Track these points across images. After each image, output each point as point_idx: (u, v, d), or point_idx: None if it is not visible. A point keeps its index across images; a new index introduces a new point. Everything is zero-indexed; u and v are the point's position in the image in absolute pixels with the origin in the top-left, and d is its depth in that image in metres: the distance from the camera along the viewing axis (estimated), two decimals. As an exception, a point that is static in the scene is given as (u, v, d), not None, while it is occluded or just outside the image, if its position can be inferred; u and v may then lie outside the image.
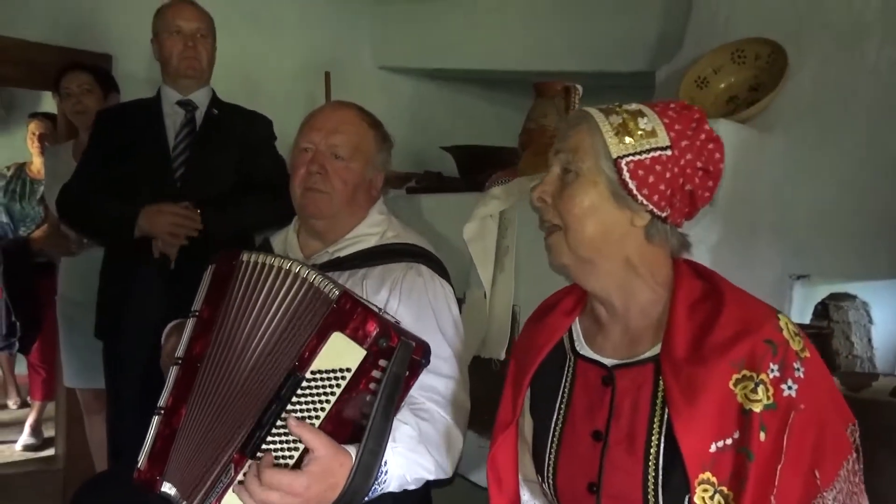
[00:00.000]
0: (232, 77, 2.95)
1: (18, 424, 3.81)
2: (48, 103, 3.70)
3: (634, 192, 1.00)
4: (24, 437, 3.66)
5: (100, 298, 2.21)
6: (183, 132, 2.15)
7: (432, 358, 1.29)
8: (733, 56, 2.06)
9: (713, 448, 0.93)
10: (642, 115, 1.02)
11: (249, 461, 1.13)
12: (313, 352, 1.12)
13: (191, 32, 2.14)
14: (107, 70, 2.83)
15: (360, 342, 1.11)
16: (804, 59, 1.95)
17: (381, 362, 1.13)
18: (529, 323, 1.23)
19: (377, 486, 1.17)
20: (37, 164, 3.65)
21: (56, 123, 3.38)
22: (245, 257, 1.29)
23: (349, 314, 1.13)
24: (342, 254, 1.48)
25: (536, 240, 1.83)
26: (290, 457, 1.13)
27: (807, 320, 2.04)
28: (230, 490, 1.14)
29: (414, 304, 1.37)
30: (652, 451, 0.98)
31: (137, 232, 2.00)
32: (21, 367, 4.26)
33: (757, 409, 0.92)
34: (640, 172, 0.99)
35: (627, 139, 1.00)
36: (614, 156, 1.00)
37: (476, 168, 2.25)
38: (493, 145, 2.46)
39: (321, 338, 1.12)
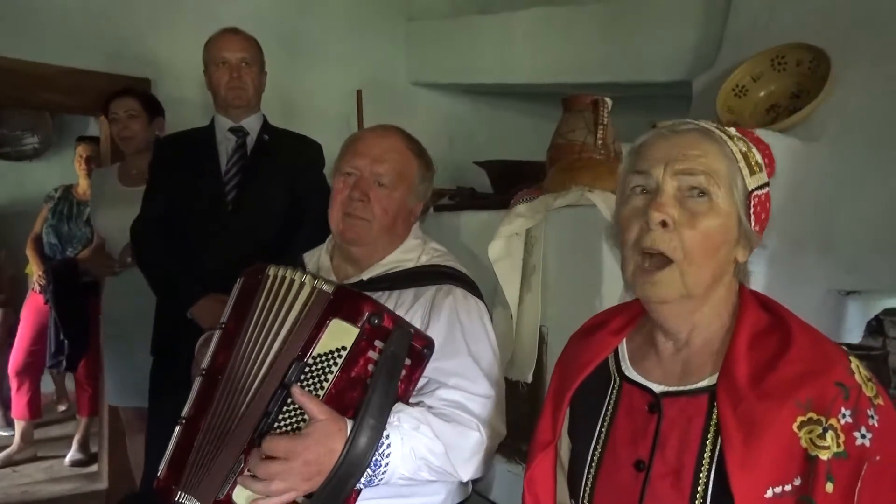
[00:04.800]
0: (268, 99, 3.00)
1: (67, 439, 3.90)
2: (96, 128, 3.81)
3: (753, 227, 0.95)
4: (72, 453, 3.73)
5: (158, 314, 2.26)
6: (234, 157, 2.20)
7: (458, 379, 1.28)
8: (773, 63, 1.98)
9: (769, 493, 0.85)
10: (749, 144, 0.96)
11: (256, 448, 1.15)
12: (314, 340, 1.19)
13: (236, 63, 2.17)
14: (153, 96, 2.90)
15: (354, 322, 1.18)
16: (850, 64, 1.86)
17: (378, 343, 1.18)
18: (574, 339, 1.18)
19: (379, 459, 1.16)
20: (83, 185, 3.74)
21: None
22: (271, 272, 1.31)
23: (344, 301, 1.20)
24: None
25: (564, 258, 1.80)
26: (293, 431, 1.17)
27: (858, 338, 1.94)
28: (239, 480, 1.16)
29: (443, 325, 1.34)
30: (699, 488, 0.91)
31: (190, 316, 2.04)
32: (70, 384, 4.37)
33: (824, 456, 0.84)
34: (758, 208, 0.95)
35: (754, 171, 0.94)
36: (750, 188, 0.93)
37: (510, 183, 2.22)
38: (527, 160, 2.42)
39: (321, 327, 1.19)
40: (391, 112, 2.39)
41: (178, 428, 1.29)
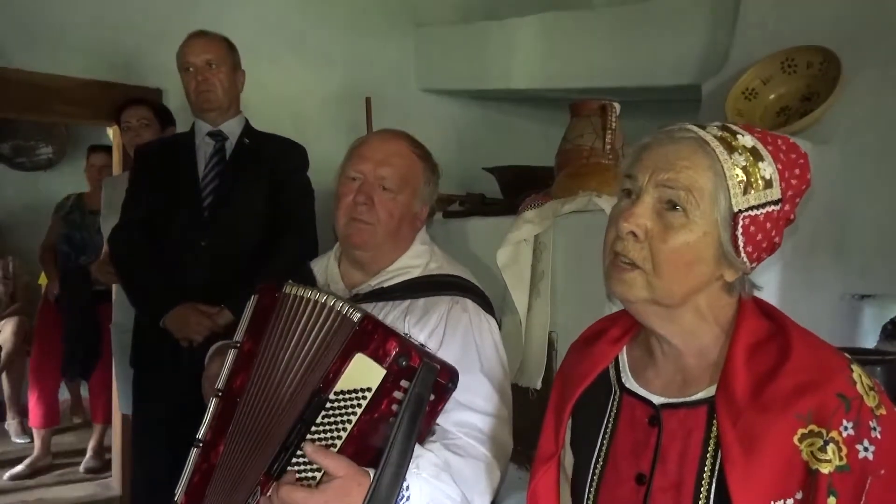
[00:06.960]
0: (277, 105, 3.02)
1: (82, 446, 3.92)
2: (109, 137, 3.85)
3: (741, 249, 0.90)
4: (87, 460, 3.76)
5: (136, 328, 2.27)
6: (212, 162, 2.18)
7: (472, 396, 1.27)
8: (783, 65, 1.97)
9: None
10: (761, 157, 0.89)
11: (274, 483, 1.13)
12: (337, 373, 1.13)
13: (201, 66, 2.13)
14: (165, 105, 2.93)
15: (381, 361, 1.12)
16: (860, 66, 1.85)
17: (403, 383, 1.12)
18: (573, 349, 1.16)
19: None
20: (94, 194, 3.79)
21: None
22: (288, 290, 1.27)
23: (370, 335, 1.14)
24: (385, 285, 1.45)
25: (573, 264, 1.79)
26: (314, 478, 1.13)
27: (873, 343, 1.92)
28: None
29: (458, 341, 1.33)
30: (700, 503, 0.90)
31: (162, 325, 2.02)
32: (85, 391, 4.40)
33: (825, 469, 0.82)
34: (752, 229, 0.89)
35: (750, 190, 0.88)
36: (736, 209, 0.88)
37: (519, 188, 2.21)
38: (536, 165, 2.42)
39: (344, 360, 1.13)
40: (400, 119, 2.40)
41: (193, 451, 1.27)
